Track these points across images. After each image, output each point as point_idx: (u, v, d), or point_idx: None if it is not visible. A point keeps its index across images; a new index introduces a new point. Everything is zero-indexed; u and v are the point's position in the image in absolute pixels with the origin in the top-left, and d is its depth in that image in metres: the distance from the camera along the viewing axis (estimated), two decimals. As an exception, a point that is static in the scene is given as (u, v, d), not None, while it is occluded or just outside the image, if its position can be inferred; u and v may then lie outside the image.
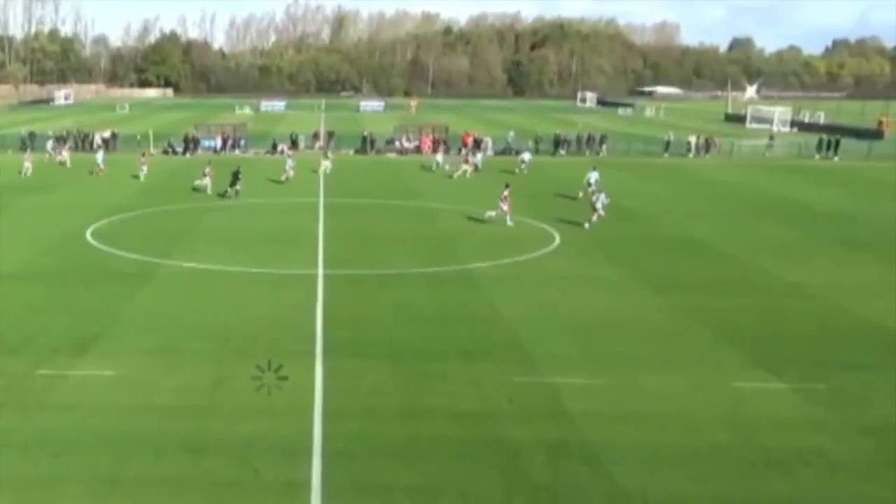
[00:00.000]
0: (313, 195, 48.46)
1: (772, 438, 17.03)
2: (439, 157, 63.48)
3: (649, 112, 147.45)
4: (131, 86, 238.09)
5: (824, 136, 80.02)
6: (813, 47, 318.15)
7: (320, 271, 30.31)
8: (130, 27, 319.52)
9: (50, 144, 68.25)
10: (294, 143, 74.50)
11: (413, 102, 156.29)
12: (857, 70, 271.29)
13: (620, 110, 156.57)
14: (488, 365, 20.89)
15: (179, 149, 71.35)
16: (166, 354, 21.54)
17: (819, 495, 14.81)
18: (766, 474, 15.55)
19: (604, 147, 75.47)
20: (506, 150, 73.41)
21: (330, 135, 78.13)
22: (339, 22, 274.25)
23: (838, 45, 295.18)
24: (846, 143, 76.82)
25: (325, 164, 58.28)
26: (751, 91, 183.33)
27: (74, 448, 16.36)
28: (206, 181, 49.12)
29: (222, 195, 47.55)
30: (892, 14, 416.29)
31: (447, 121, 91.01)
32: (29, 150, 64.65)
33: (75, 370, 20.42)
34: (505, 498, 14.57)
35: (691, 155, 74.39)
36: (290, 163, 55.17)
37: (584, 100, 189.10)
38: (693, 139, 76.48)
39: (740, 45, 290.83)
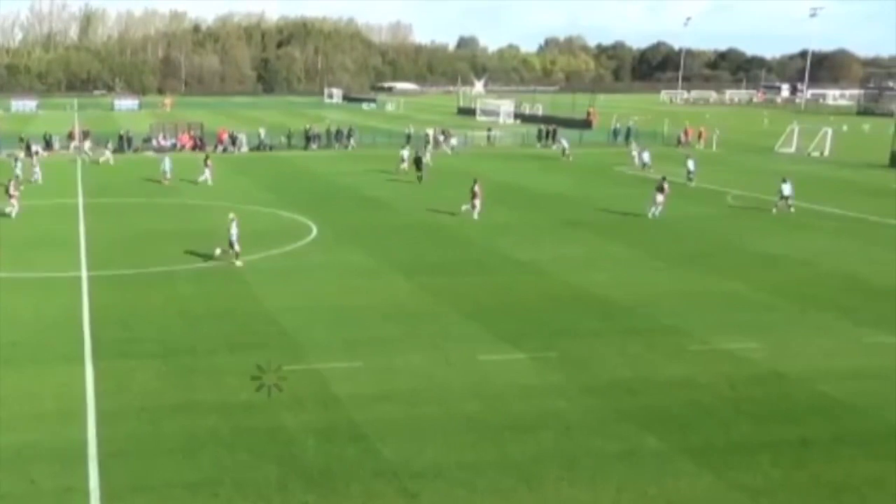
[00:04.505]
0: (72, 196, 45.65)
1: (516, 405, 17.70)
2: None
3: (391, 107, 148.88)
4: None
5: (543, 127, 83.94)
6: (529, 45, 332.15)
7: (84, 273, 28.60)
8: None
9: None
10: (48, 144, 69.74)
11: (167, 100, 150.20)
12: (566, 66, 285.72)
13: (364, 105, 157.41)
14: (256, 356, 20.38)
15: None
16: (-74, 368, 19.67)
17: (559, 453, 15.51)
18: (513, 438, 16.13)
19: (352, 140, 75.58)
20: (260, 146, 71.94)
21: (85, 134, 73.62)
22: (87, 20, 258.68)
23: (550, 44, 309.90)
24: (562, 132, 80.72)
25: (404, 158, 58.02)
26: (478, 86, 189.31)
27: None
28: (206, 174, 50.24)
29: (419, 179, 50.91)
30: (596, 16, 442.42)
31: (202, 118, 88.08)
32: None
33: None
34: (280, 483, 14.35)
35: (430, 147, 75.78)
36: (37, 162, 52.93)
37: (330, 96, 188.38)
38: (431, 132, 78.01)
39: (467, 44, 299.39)
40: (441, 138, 73.21)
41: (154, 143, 71.71)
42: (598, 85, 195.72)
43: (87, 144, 64.88)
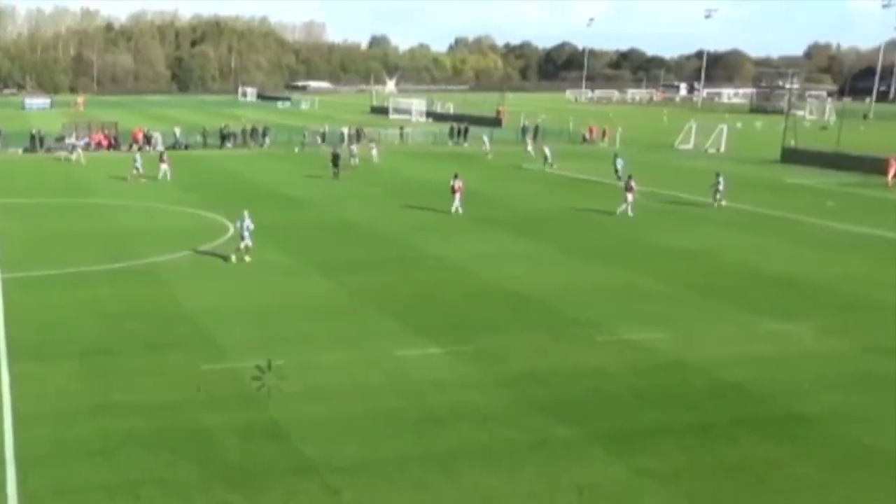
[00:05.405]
0: (-17, 196, 44.01)
1: (433, 398, 17.72)
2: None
3: (305, 105, 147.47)
4: None
5: (455, 125, 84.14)
6: (439, 45, 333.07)
7: (-3, 275, 27.64)
8: None
9: None
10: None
11: (80, 99, 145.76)
12: (476, 65, 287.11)
13: (279, 104, 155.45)
14: (175, 356, 20.07)
15: None
16: None
17: (475, 444, 15.60)
18: (431, 431, 16.17)
19: (267, 139, 74.60)
20: (175, 145, 70.30)
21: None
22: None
23: (459, 43, 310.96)
24: (473, 130, 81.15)
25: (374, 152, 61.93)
26: (391, 85, 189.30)
27: None
28: (165, 168, 50.30)
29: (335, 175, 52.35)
30: (504, 16, 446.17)
31: (116, 117, 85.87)
32: None
33: None
34: (202, 483, 14.10)
35: (344, 144, 75.32)
36: None
37: (244, 94, 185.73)
38: (346, 130, 77.59)
39: (379, 43, 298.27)
40: (357, 145, 70.55)
41: (67, 142, 69.40)
42: (507, 84, 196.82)
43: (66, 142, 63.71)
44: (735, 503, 13.67)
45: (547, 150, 59.92)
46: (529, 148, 65.05)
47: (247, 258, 29.40)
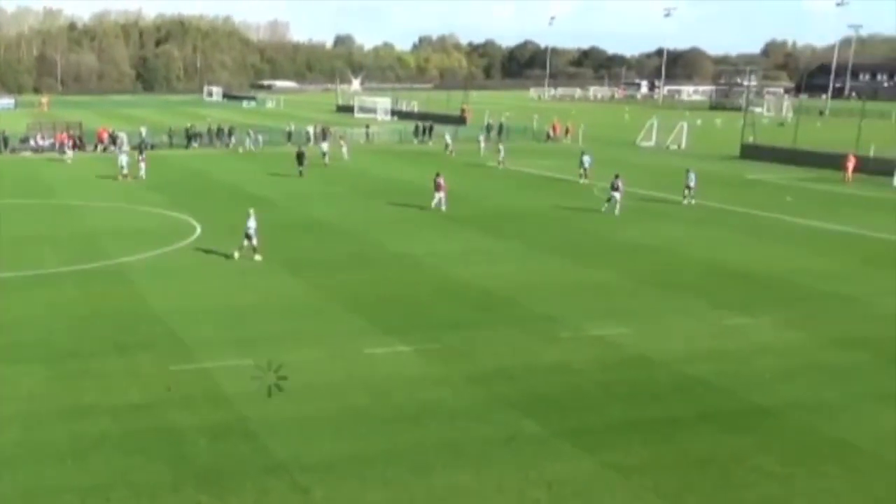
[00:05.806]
0: (-54, 198, 43.25)
1: (402, 396, 17.70)
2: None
3: (271, 104, 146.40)
4: None
5: (420, 123, 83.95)
6: (403, 44, 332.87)
7: (-38, 277, 27.17)
8: None
9: None
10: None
11: (44, 99, 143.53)
12: (440, 64, 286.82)
13: (245, 103, 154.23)
14: (144, 357, 19.84)
15: None
16: None
17: (444, 441, 15.59)
18: (400, 428, 16.14)
19: (233, 139, 73.96)
20: (141, 146, 69.31)
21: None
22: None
23: (423, 42, 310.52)
24: (438, 128, 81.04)
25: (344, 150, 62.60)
26: (356, 84, 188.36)
27: None
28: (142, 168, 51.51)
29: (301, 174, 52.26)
30: (467, 15, 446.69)
31: (81, 117, 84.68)
32: None
33: None
34: (173, 484, 13.96)
35: (311, 143, 74.97)
36: None
37: (210, 94, 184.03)
38: (311, 129, 77.23)
39: (343, 42, 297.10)
40: (327, 143, 70.24)
41: (32, 143, 68.49)
42: (471, 82, 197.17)
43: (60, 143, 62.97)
44: (701, 496, 13.79)
45: (501, 148, 59.96)
46: (482, 146, 65.08)
47: (257, 257, 29.31)
